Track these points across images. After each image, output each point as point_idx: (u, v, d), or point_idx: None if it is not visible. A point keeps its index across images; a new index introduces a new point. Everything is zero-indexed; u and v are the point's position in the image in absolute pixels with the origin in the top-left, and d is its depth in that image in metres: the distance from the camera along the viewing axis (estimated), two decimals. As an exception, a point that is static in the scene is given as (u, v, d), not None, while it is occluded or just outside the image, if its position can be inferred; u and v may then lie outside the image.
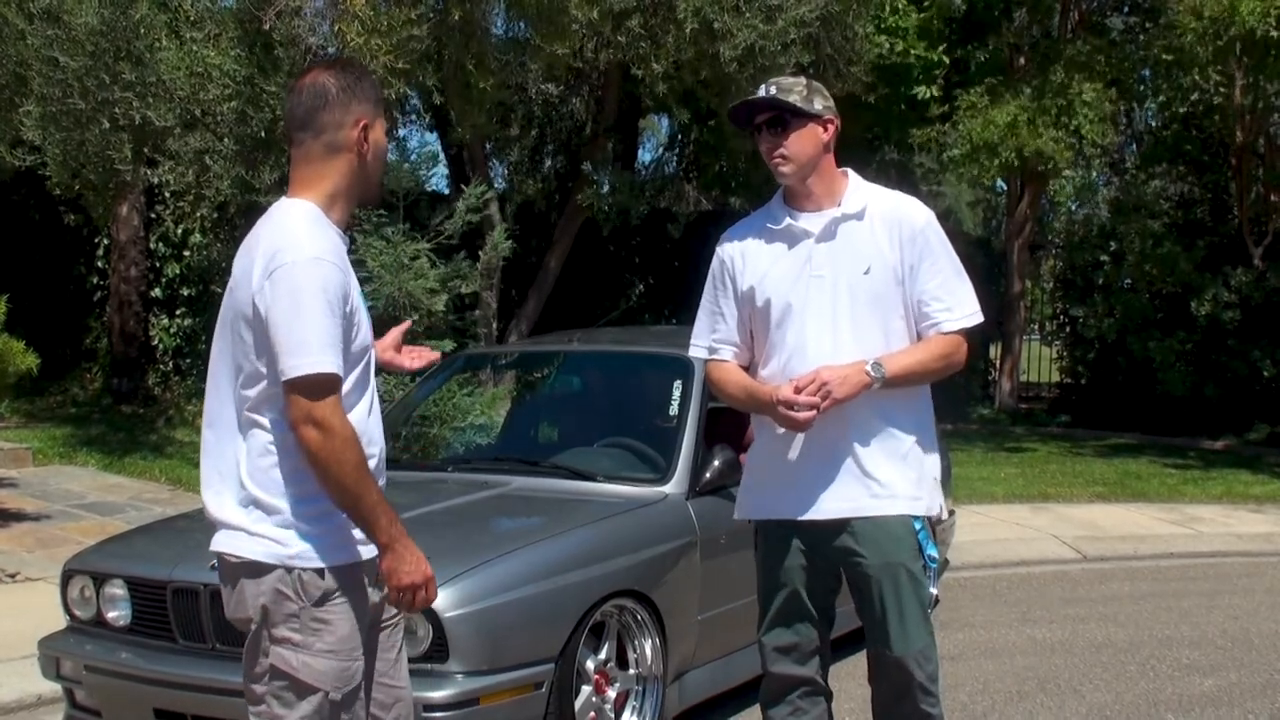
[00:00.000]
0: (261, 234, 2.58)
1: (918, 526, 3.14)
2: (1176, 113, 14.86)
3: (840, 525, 3.13)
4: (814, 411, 3.03)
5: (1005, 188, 17.09)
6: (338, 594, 2.54)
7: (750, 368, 3.31)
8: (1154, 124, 16.61)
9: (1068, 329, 16.80)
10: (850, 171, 3.30)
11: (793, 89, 3.18)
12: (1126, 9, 15.97)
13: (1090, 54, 13.65)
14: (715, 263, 3.34)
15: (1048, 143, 12.64)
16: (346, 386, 2.54)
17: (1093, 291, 15.18)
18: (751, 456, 3.37)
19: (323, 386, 2.44)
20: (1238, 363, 13.93)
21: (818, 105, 3.17)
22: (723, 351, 3.32)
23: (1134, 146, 17.88)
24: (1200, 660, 5.74)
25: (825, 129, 3.19)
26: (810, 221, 3.19)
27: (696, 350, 3.39)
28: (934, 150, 13.87)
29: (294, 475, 2.52)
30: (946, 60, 13.51)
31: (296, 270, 2.47)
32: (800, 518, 3.17)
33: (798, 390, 3.03)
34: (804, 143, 3.16)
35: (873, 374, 3.07)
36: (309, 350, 2.43)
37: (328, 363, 2.45)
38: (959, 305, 3.19)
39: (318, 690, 2.53)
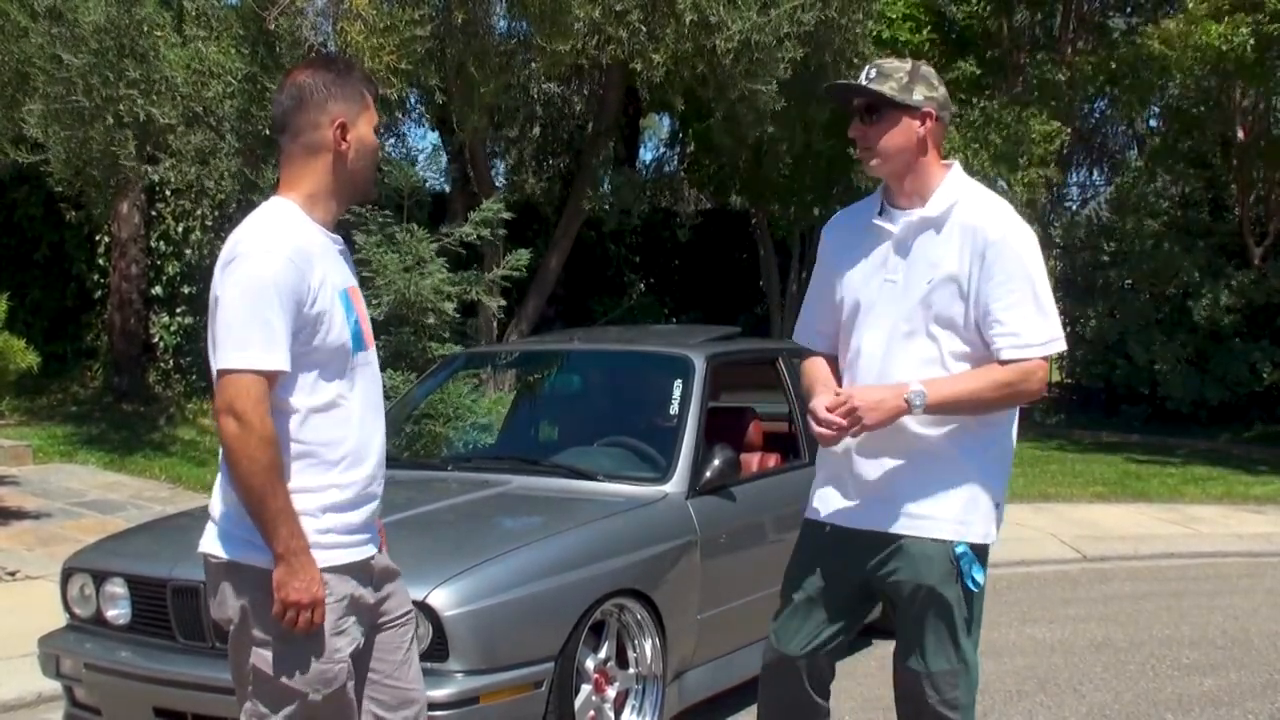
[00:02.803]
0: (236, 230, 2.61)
1: (959, 551, 2.95)
2: (1175, 110, 14.85)
3: (879, 541, 2.99)
4: (837, 433, 2.89)
5: (1005, 187, 17.07)
6: None
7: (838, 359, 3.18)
8: (1155, 125, 16.61)
9: (1068, 329, 16.79)
10: (955, 165, 3.04)
11: (892, 75, 2.94)
12: (1129, 9, 15.97)
13: (1092, 53, 13.65)
14: (819, 248, 3.25)
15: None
16: (305, 386, 2.53)
17: (1093, 292, 15.17)
18: (818, 455, 3.24)
19: (250, 381, 2.43)
20: (1238, 364, 13.92)
21: (917, 95, 2.93)
22: (816, 342, 3.20)
23: (1135, 147, 17.88)
24: (1200, 660, 5.73)
25: (923, 123, 2.94)
26: (896, 221, 3.00)
27: (798, 336, 3.26)
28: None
29: None
30: (934, 39, 13.45)
31: (248, 263, 2.47)
32: (841, 525, 3.05)
33: (830, 408, 2.88)
34: (894, 137, 2.94)
35: (912, 402, 2.85)
36: (244, 343, 2.43)
37: (261, 358, 2.43)
38: (1027, 331, 2.87)
39: (298, 692, 2.53)
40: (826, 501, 3.10)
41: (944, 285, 2.91)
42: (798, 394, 5.12)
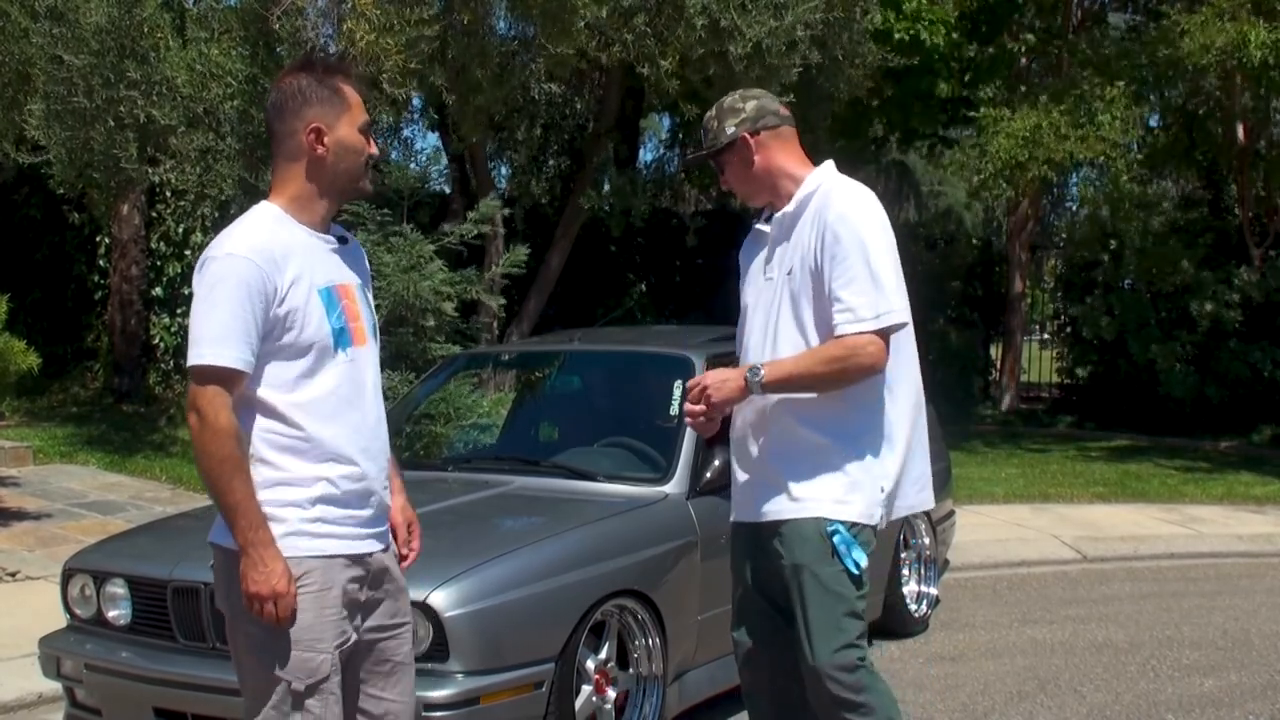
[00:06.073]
0: None
1: (831, 529, 2.99)
2: (1177, 112, 14.84)
3: (770, 528, 3.11)
4: (702, 417, 3.04)
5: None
6: (300, 584, 2.55)
7: None
8: (1156, 124, 16.59)
9: (1068, 329, 16.78)
10: (826, 164, 3.24)
11: (708, 128, 3.22)
12: (1129, 8, 15.96)
13: (1098, 50, 13.61)
14: None
15: (1076, 144, 12.47)
16: (284, 381, 2.57)
17: (1092, 290, 15.16)
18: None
19: (209, 377, 2.50)
20: (1239, 364, 13.91)
21: (729, 130, 3.16)
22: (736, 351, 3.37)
23: (1135, 146, 17.85)
24: (1201, 661, 5.73)
25: (745, 146, 3.16)
26: (771, 224, 3.22)
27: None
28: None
29: (257, 466, 2.55)
30: (966, 43, 13.40)
31: (213, 265, 2.56)
32: (739, 519, 3.23)
33: (688, 395, 3.07)
34: (734, 171, 3.22)
35: (750, 379, 2.99)
36: (202, 341, 2.51)
37: (216, 354, 2.49)
38: (860, 307, 2.95)
39: (280, 679, 2.55)
40: (734, 501, 3.27)
41: (801, 271, 3.08)
42: None
